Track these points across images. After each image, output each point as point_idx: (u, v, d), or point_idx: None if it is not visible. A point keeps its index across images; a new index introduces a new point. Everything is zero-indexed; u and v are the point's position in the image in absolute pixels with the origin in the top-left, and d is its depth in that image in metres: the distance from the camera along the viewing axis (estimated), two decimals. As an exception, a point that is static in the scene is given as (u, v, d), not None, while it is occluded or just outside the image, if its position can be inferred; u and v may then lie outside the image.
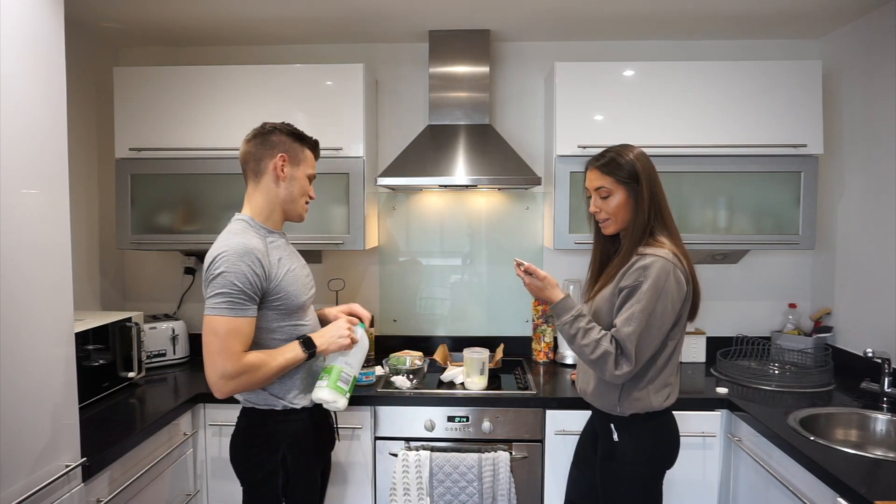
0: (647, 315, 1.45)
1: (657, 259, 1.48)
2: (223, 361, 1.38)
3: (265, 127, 1.57)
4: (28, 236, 1.33)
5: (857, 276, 2.37)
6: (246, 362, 1.40)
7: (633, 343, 1.46)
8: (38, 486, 1.33)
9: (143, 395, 2.14)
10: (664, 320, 1.48)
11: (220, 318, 1.39)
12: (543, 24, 2.45)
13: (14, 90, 1.30)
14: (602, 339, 1.48)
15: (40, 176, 1.38)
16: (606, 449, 1.60)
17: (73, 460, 1.46)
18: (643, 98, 2.30)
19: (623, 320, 1.47)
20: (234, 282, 1.39)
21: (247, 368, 1.41)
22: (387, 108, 2.72)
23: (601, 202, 1.58)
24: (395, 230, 2.76)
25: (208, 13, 2.30)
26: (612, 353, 1.47)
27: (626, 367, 1.46)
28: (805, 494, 1.59)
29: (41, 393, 1.37)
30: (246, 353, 1.42)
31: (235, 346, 1.40)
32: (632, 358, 1.46)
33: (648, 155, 1.58)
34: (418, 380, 2.22)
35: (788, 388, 2.17)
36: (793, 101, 2.27)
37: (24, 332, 1.32)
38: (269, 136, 1.56)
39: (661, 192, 1.57)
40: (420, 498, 2.00)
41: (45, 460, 1.38)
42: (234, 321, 1.40)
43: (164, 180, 2.40)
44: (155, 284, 2.79)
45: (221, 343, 1.39)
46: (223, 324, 1.39)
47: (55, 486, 1.39)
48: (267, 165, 1.55)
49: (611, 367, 1.47)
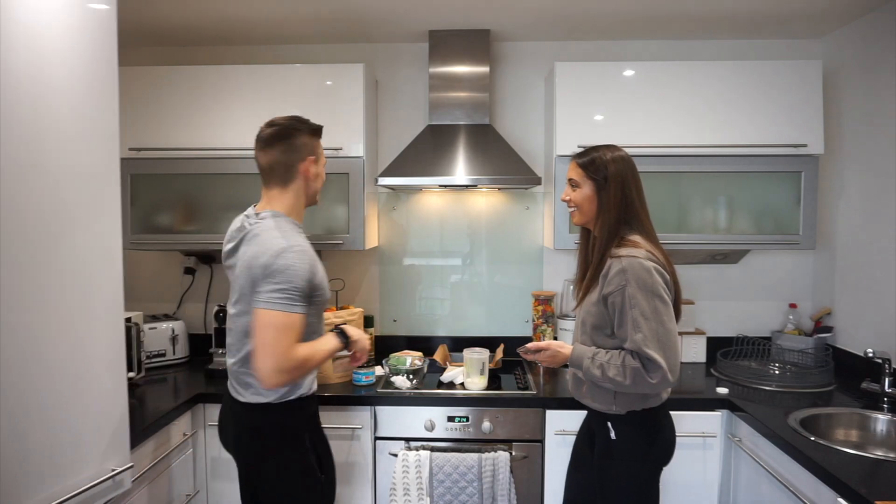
0: (649, 313, 1.45)
1: (632, 259, 1.48)
2: (278, 356, 1.41)
3: (284, 129, 1.57)
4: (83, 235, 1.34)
5: (858, 276, 2.37)
6: (298, 357, 1.44)
7: (651, 346, 1.44)
8: (83, 487, 1.33)
9: (142, 395, 2.14)
10: (667, 310, 1.48)
11: (278, 312, 1.41)
12: (543, 24, 2.45)
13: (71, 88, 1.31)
14: (625, 360, 1.47)
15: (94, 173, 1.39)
16: (603, 447, 1.60)
17: (120, 464, 1.44)
18: (643, 98, 2.30)
19: (630, 330, 1.46)
20: (293, 279, 1.43)
21: (299, 363, 1.45)
22: (387, 108, 2.72)
23: (570, 191, 1.65)
24: (395, 230, 2.76)
25: (209, 13, 2.30)
26: (639, 366, 1.45)
27: (659, 372, 1.43)
28: (805, 495, 1.59)
29: (93, 393, 1.38)
30: (297, 347, 1.45)
31: (290, 340, 1.43)
32: (658, 361, 1.43)
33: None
34: (418, 380, 2.22)
35: (789, 389, 2.17)
36: (793, 101, 2.27)
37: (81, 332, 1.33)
38: (292, 140, 1.57)
39: (637, 194, 1.58)
40: (420, 498, 2.00)
41: (92, 463, 1.37)
42: (290, 316, 1.43)
43: (165, 180, 2.40)
44: (155, 284, 2.78)
45: (277, 337, 1.41)
46: (280, 318, 1.41)
47: (104, 491, 1.39)
48: (297, 170, 1.58)
49: (647, 380, 1.44)
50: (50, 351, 1.25)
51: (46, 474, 1.24)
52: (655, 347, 1.44)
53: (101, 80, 1.40)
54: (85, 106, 1.35)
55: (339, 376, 2.26)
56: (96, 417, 1.39)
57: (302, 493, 1.57)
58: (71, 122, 1.31)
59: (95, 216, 1.39)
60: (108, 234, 1.43)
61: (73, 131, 1.32)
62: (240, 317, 1.54)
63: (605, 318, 1.54)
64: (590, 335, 1.59)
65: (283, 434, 1.55)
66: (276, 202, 1.59)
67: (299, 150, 1.57)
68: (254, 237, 1.52)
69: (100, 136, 1.40)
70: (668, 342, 1.45)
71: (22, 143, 1.19)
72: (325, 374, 2.23)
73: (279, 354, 1.40)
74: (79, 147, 1.34)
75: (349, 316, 2.30)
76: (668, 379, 1.44)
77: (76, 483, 1.31)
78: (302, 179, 1.60)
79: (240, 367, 1.56)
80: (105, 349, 1.42)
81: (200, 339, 2.68)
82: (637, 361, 1.45)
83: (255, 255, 1.47)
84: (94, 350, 1.38)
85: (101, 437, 1.40)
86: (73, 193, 1.32)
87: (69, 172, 1.31)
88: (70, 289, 1.31)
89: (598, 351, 1.53)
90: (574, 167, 1.64)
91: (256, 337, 1.42)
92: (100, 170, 1.40)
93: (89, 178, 1.37)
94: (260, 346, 1.41)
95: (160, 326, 2.50)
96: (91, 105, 1.37)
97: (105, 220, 1.42)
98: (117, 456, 1.44)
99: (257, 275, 1.44)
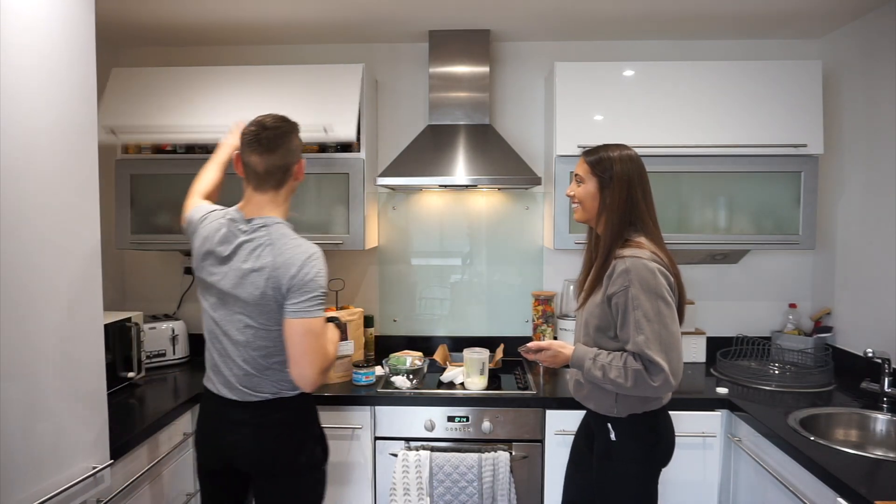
0: (652, 315, 1.44)
1: (636, 260, 1.47)
2: (321, 358, 1.48)
3: (283, 131, 1.54)
4: (59, 234, 1.33)
5: (857, 276, 2.37)
6: (333, 354, 1.56)
7: (654, 348, 1.43)
8: (63, 487, 1.32)
9: (142, 395, 2.14)
10: (671, 312, 1.47)
11: (314, 319, 1.47)
12: (543, 24, 2.45)
13: (46, 88, 1.29)
14: (627, 362, 1.46)
15: (72, 175, 1.37)
16: (603, 448, 1.59)
17: (100, 462, 1.45)
18: (643, 98, 2.30)
19: (632, 332, 1.45)
20: (322, 284, 1.49)
21: (333, 359, 1.55)
22: (387, 108, 2.72)
23: (575, 187, 1.64)
24: (395, 230, 2.76)
25: (208, 14, 2.30)
26: (641, 368, 1.44)
27: (661, 375, 1.43)
28: (805, 495, 1.59)
29: (72, 393, 1.37)
30: (329, 345, 1.55)
31: (325, 342, 1.52)
32: (660, 364, 1.42)
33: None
34: (418, 380, 2.22)
35: (788, 388, 2.17)
36: (793, 101, 2.27)
37: (58, 333, 1.32)
38: (289, 142, 1.55)
39: (643, 195, 1.56)
40: (420, 498, 2.00)
41: (72, 461, 1.37)
42: (322, 319, 1.51)
43: (164, 180, 2.40)
44: (155, 284, 2.78)
45: (317, 341, 1.47)
46: (318, 324, 1.48)
47: (83, 488, 1.39)
48: (293, 171, 1.59)
49: (649, 382, 1.43)
50: (28, 352, 1.24)
51: (26, 474, 1.24)
52: (658, 350, 1.43)
53: (78, 77, 1.38)
54: (60, 104, 1.33)
55: (339, 376, 2.26)
56: (76, 416, 1.39)
57: (310, 482, 1.62)
58: (45, 120, 1.29)
59: (74, 217, 1.38)
60: (87, 234, 1.42)
61: (47, 130, 1.30)
62: (261, 330, 1.51)
63: (609, 319, 1.53)
64: (593, 337, 1.58)
65: (299, 426, 1.60)
66: (270, 207, 1.55)
67: (296, 151, 1.58)
68: (265, 246, 1.49)
69: (76, 134, 1.38)
70: (670, 345, 1.45)
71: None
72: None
73: (322, 357, 1.48)
74: (54, 146, 1.32)
75: (349, 316, 2.30)
76: (671, 382, 1.43)
77: (57, 482, 1.31)
78: (293, 181, 1.60)
79: (258, 371, 1.54)
80: (85, 349, 1.41)
81: (200, 339, 2.64)
82: (639, 363, 1.45)
83: (281, 265, 1.46)
84: (73, 350, 1.37)
85: (82, 435, 1.40)
86: (48, 195, 1.30)
87: (43, 172, 1.28)
88: (47, 289, 1.29)
89: (600, 352, 1.53)
90: (581, 163, 1.63)
91: (295, 346, 1.46)
92: (75, 169, 1.38)
93: (64, 178, 1.35)
94: (302, 354, 1.45)
95: (160, 326, 2.50)
96: (67, 104, 1.35)
97: (84, 221, 1.41)
98: (98, 454, 1.45)
99: (288, 286, 1.46)
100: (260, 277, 1.47)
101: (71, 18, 1.36)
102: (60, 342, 1.33)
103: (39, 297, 1.27)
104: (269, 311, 1.49)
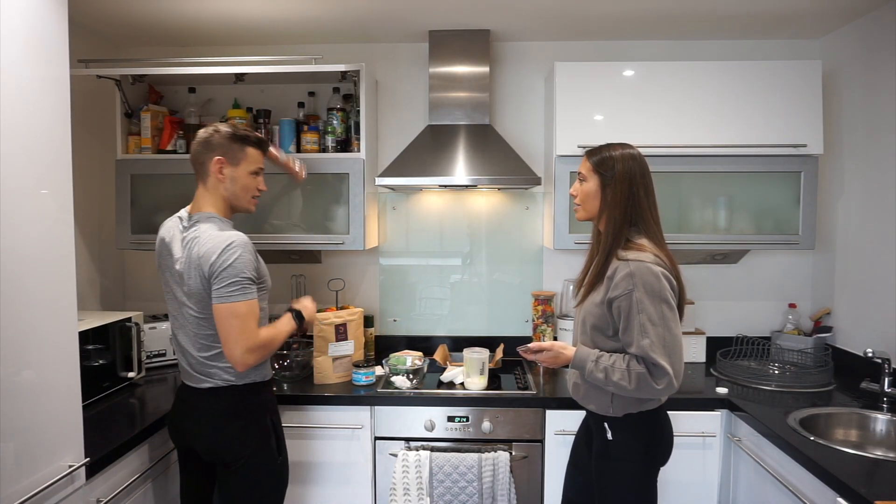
0: (656, 318, 1.45)
1: (640, 264, 1.47)
2: (246, 339, 1.56)
3: (208, 130, 1.70)
4: (32, 236, 1.33)
5: (857, 276, 2.37)
6: (263, 337, 1.61)
7: (658, 351, 1.43)
8: (41, 487, 1.33)
9: (143, 395, 2.15)
10: (674, 315, 1.47)
11: (239, 303, 1.56)
12: (543, 24, 2.45)
13: (17, 90, 1.29)
14: (630, 364, 1.46)
15: (44, 176, 1.38)
16: (601, 447, 1.60)
17: (76, 460, 1.46)
18: (643, 98, 2.30)
19: (637, 335, 1.45)
20: (244, 269, 1.57)
21: (264, 342, 1.61)
22: (387, 108, 2.72)
23: (578, 185, 1.65)
24: (395, 230, 2.76)
25: (208, 13, 2.30)
26: (645, 371, 1.44)
27: (665, 378, 1.43)
28: (805, 494, 1.59)
29: (45, 393, 1.37)
30: (260, 329, 1.61)
31: (253, 324, 1.59)
32: (664, 367, 1.42)
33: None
34: (418, 380, 2.22)
35: (788, 388, 2.17)
36: (793, 101, 2.27)
37: (29, 332, 1.32)
38: (209, 139, 1.68)
39: (646, 195, 1.56)
40: (420, 498, 2.01)
41: (48, 460, 1.37)
42: (249, 303, 1.58)
43: (164, 180, 2.40)
44: (155, 284, 2.78)
45: (242, 324, 1.56)
46: (242, 307, 1.56)
47: (58, 487, 1.39)
48: (208, 168, 1.68)
49: (653, 385, 1.44)
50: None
51: (1, 474, 1.25)
52: (662, 353, 1.43)
53: (49, 83, 1.39)
54: (29, 107, 1.33)
55: (339, 376, 2.26)
56: (51, 416, 1.39)
57: (261, 475, 1.66)
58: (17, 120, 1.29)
59: (46, 222, 1.38)
60: (59, 236, 1.42)
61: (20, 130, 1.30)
62: (202, 319, 1.63)
63: (607, 320, 1.53)
64: (589, 335, 1.59)
65: (241, 414, 1.66)
66: (204, 202, 1.69)
67: (212, 148, 1.67)
68: (193, 240, 1.61)
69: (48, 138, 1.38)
70: (674, 348, 1.45)
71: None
72: (325, 374, 2.23)
73: (246, 338, 1.56)
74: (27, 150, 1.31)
75: (349, 316, 2.30)
76: (674, 384, 1.44)
77: (34, 482, 1.32)
78: (214, 179, 1.68)
79: (206, 358, 1.64)
80: (57, 349, 1.42)
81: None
82: (642, 367, 1.45)
83: (203, 255, 1.57)
84: (46, 350, 1.38)
85: (56, 434, 1.41)
86: (18, 197, 1.29)
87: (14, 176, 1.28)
88: (17, 290, 1.29)
89: (602, 354, 1.53)
90: (584, 161, 1.64)
91: (222, 329, 1.57)
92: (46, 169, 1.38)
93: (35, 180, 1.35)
94: (228, 336, 1.56)
95: (160, 326, 2.50)
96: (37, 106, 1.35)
97: (57, 225, 1.42)
98: (73, 452, 1.46)
99: (209, 273, 1.56)
100: (193, 269, 1.59)
101: (42, 19, 1.37)
102: (36, 340, 1.34)
103: (11, 295, 1.27)
104: (204, 300, 1.61)
